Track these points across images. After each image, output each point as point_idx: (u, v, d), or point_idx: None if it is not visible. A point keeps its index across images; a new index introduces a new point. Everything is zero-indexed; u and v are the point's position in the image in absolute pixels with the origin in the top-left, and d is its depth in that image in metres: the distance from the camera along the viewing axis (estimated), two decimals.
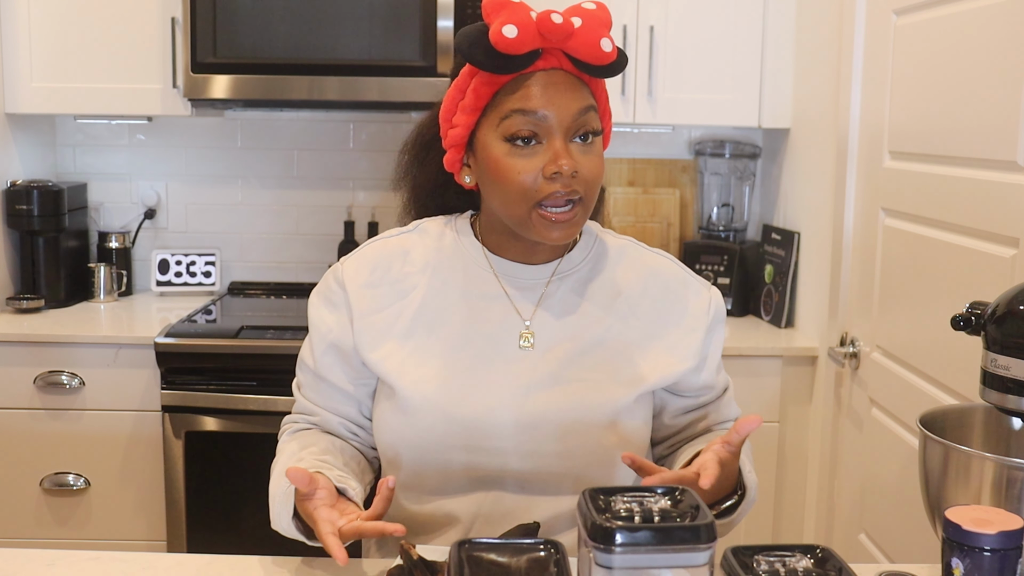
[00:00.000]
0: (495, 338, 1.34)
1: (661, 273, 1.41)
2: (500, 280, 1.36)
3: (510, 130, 1.26)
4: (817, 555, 1.00)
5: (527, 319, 1.35)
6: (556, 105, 1.25)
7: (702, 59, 2.87)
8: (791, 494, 2.71)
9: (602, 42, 1.24)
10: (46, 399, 2.65)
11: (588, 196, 1.28)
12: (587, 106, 1.27)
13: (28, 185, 2.90)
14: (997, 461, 1.16)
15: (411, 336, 1.34)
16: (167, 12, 2.82)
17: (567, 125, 1.26)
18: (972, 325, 1.25)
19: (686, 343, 1.38)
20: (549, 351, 1.34)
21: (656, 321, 1.38)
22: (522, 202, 1.27)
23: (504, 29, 1.21)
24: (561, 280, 1.37)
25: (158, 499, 2.66)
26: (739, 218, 3.15)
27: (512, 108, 1.26)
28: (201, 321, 2.83)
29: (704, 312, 1.40)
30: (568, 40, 1.24)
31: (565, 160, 1.24)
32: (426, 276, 1.36)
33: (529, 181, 1.25)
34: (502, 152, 1.27)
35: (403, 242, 1.40)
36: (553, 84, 1.26)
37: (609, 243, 1.43)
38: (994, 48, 1.74)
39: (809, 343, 2.66)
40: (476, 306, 1.35)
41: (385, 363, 1.33)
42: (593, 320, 1.36)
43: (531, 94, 1.25)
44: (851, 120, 2.36)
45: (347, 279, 1.36)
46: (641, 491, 1.00)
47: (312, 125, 3.23)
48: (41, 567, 1.27)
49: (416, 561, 1.16)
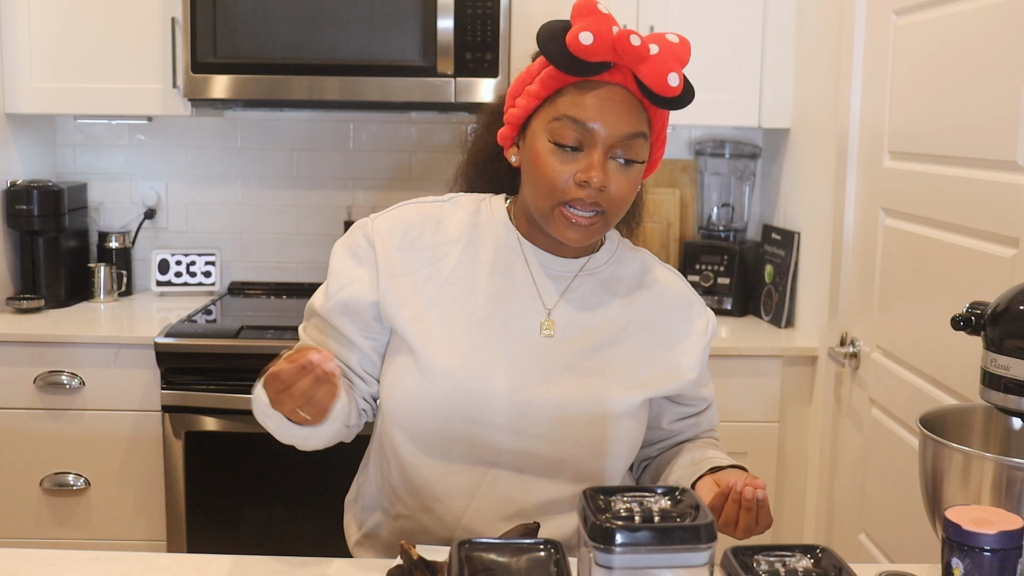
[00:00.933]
0: (518, 321, 1.37)
1: (672, 289, 1.48)
2: (529, 266, 1.40)
3: (558, 135, 1.30)
4: (817, 555, 1.00)
5: (550, 307, 1.39)
6: (607, 121, 1.29)
7: (702, 59, 2.85)
8: (791, 494, 2.71)
9: (670, 76, 1.28)
10: (46, 399, 2.65)
11: (612, 211, 1.32)
12: (637, 132, 1.31)
13: (28, 185, 2.90)
14: (997, 461, 1.16)
15: (437, 303, 1.37)
16: (167, 12, 2.82)
17: (611, 143, 1.30)
18: (972, 325, 1.25)
19: (691, 355, 1.45)
20: (567, 342, 1.38)
21: (667, 331, 1.44)
22: (549, 198, 1.31)
23: (581, 35, 1.26)
24: (587, 276, 1.42)
25: (158, 499, 2.66)
26: (739, 218, 3.15)
27: (565, 112, 1.30)
28: (201, 321, 2.83)
29: (703, 331, 1.47)
30: (639, 64, 1.28)
31: (597, 173, 1.28)
32: (458, 247, 1.40)
33: (560, 182, 1.30)
34: (545, 149, 1.31)
35: (437, 210, 1.42)
36: (611, 101, 1.30)
37: (628, 252, 1.48)
38: (994, 48, 1.74)
39: (809, 343, 2.66)
40: (503, 286, 1.38)
41: (412, 324, 1.36)
42: (611, 320, 1.41)
43: (587, 104, 1.29)
44: (851, 120, 2.36)
45: (377, 238, 1.39)
46: (641, 491, 1.00)
47: (312, 125, 3.23)
48: (41, 567, 1.27)
49: (416, 561, 1.16)
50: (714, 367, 2.62)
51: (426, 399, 1.35)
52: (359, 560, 1.36)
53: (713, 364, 2.62)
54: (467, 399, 1.34)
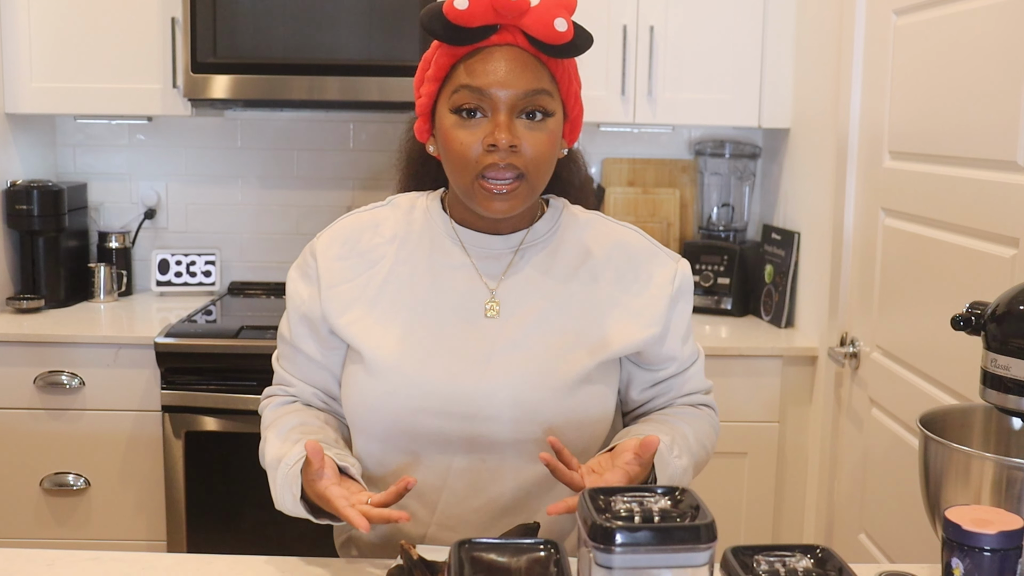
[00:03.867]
0: (461, 307, 1.37)
1: (628, 243, 1.44)
2: (467, 250, 1.39)
3: (457, 103, 1.30)
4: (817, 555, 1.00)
5: (493, 288, 1.38)
6: (502, 81, 1.28)
7: (702, 59, 2.87)
8: (791, 494, 2.71)
9: (556, 21, 1.27)
10: (46, 399, 2.65)
11: (532, 173, 1.30)
12: (537, 88, 1.29)
13: (28, 185, 2.90)
14: (997, 461, 1.16)
15: (377, 303, 1.37)
16: (167, 12, 2.82)
17: (512, 102, 1.28)
18: (972, 325, 1.25)
19: (650, 310, 1.40)
20: (514, 320, 1.36)
21: (620, 288, 1.40)
22: (465, 172, 1.30)
23: (456, 1, 1.26)
24: (527, 250, 1.40)
25: (158, 499, 2.66)
26: (739, 218, 3.15)
27: (461, 82, 1.29)
28: (201, 321, 2.83)
29: (668, 282, 1.41)
30: (522, 17, 1.27)
31: (503, 133, 1.27)
32: (394, 247, 1.40)
33: (471, 152, 1.29)
34: (450, 123, 1.31)
35: (375, 216, 1.43)
36: (504, 60, 1.29)
37: (577, 215, 1.45)
38: (994, 48, 1.75)
39: (809, 343, 2.66)
40: (442, 276, 1.38)
41: (351, 327, 1.36)
42: (558, 288, 1.39)
43: (478, 70, 1.29)
44: (851, 120, 2.36)
45: (319, 252, 1.40)
46: (641, 491, 1.00)
47: (312, 125, 3.23)
48: (41, 567, 1.27)
49: (416, 561, 1.16)
50: (714, 367, 2.63)
51: (376, 398, 1.35)
52: (358, 560, 1.36)
53: (713, 364, 2.63)
54: (416, 392, 1.33)
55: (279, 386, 1.48)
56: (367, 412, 1.36)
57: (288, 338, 1.44)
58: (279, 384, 1.48)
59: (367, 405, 1.36)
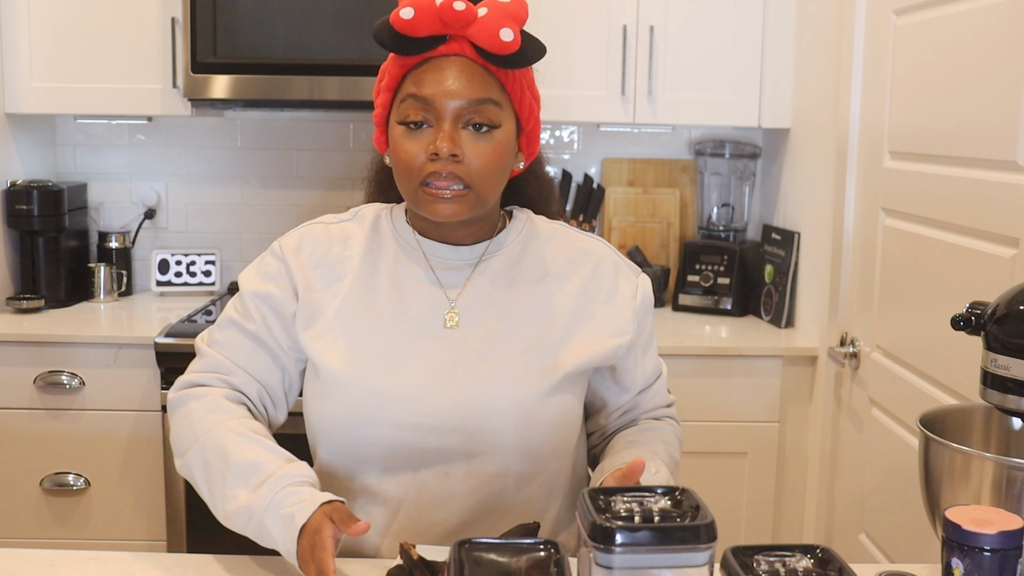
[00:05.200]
0: (421, 318, 1.36)
1: (592, 253, 1.43)
2: (429, 261, 1.38)
3: (404, 112, 1.30)
4: (817, 555, 1.00)
5: (453, 300, 1.37)
6: (447, 91, 1.27)
7: (702, 59, 2.87)
8: (791, 494, 2.71)
9: (502, 32, 1.26)
10: (46, 399, 2.65)
11: (477, 182, 1.29)
12: (483, 98, 1.29)
13: (28, 185, 2.90)
14: (997, 461, 1.16)
15: (339, 319, 1.36)
16: (167, 12, 2.82)
17: (457, 112, 1.28)
18: (972, 325, 1.25)
19: (616, 320, 1.39)
20: (475, 330, 1.35)
21: (586, 298, 1.39)
22: (409, 180, 1.30)
23: (402, 11, 1.26)
24: (490, 260, 1.39)
25: (158, 499, 2.66)
26: (739, 218, 3.15)
27: (407, 92, 1.30)
28: (201, 321, 2.83)
29: (631, 296, 1.41)
30: (468, 28, 1.27)
31: (444, 143, 1.26)
32: (357, 259, 1.39)
33: (415, 161, 1.29)
34: (398, 133, 1.31)
35: (343, 229, 1.43)
36: (450, 70, 1.28)
37: (540, 226, 1.44)
38: (994, 48, 1.74)
39: (809, 343, 2.66)
40: (404, 288, 1.37)
41: (314, 343, 1.35)
42: (521, 299, 1.38)
43: (425, 79, 1.28)
44: (851, 120, 2.36)
45: (288, 255, 1.39)
46: (641, 491, 1.00)
47: (312, 125, 3.23)
48: (41, 567, 1.27)
49: (416, 561, 1.16)
50: (714, 367, 2.65)
51: (335, 412, 1.33)
52: (358, 560, 1.36)
53: (713, 364, 2.65)
54: (373, 405, 1.32)
55: (212, 374, 1.38)
56: (330, 426, 1.35)
57: (243, 324, 1.38)
58: (211, 372, 1.38)
59: (330, 419, 1.34)
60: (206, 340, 1.42)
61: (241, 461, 1.27)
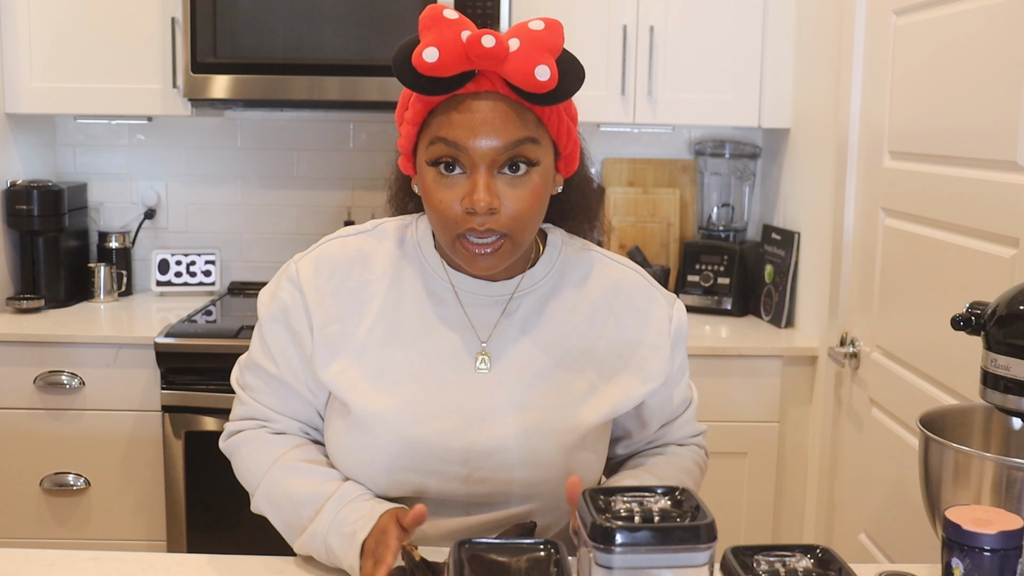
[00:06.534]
0: (451, 360, 1.29)
1: (625, 287, 1.36)
2: (459, 296, 1.30)
3: (434, 155, 1.20)
4: (817, 555, 1.00)
5: (484, 340, 1.30)
6: (481, 137, 1.17)
7: (702, 59, 2.87)
8: (791, 494, 2.71)
9: (537, 70, 1.15)
10: (46, 399, 2.65)
11: (515, 230, 1.21)
12: (522, 139, 1.19)
13: (28, 185, 2.90)
14: (997, 461, 1.16)
15: (365, 351, 1.28)
16: (167, 12, 2.82)
17: (492, 157, 1.18)
18: (972, 325, 1.25)
19: (651, 363, 1.34)
20: (507, 374, 1.29)
21: (621, 340, 1.33)
22: (445, 231, 1.22)
23: (425, 53, 1.16)
24: (522, 298, 1.31)
25: (158, 499, 2.66)
26: (739, 218, 3.15)
27: (437, 134, 1.20)
28: (201, 321, 2.83)
29: (666, 329, 1.35)
30: (502, 65, 1.16)
31: (481, 196, 1.17)
32: (384, 285, 1.31)
33: (450, 212, 1.20)
34: (430, 178, 1.22)
35: (362, 244, 1.33)
36: (483, 112, 1.18)
37: (572, 255, 1.36)
38: (994, 48, 1.74)
39: (809, 343, 2.66)
40: (433, 324, 1.30)
41: (339, 379, 1.28)
42: (554, 341, 1.31)
43: (455, 121, 1.18)
44: (851, 120, 2.36)
45: (304, 281, 1.30)
46: (641, 491, 1.00)
47: (312, 125, 3.23)
48: (41, 567, 1.27)
49: (418, 562, 1.16)
50: (714, 367, 2.64)
51: (364, 455, 1.27)
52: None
53: (713, 364, 2.65)
54: (404, 451, 1.26)
55: (253, 420, 1.36)
56: (355, 467, 1.29)
57: (272, 371, 1.33)
58: (253, 419, 1.36)
59: (357, 461, 1.29)
60: (240, 382, 1.38)
61: (303, 492, 1.27)
